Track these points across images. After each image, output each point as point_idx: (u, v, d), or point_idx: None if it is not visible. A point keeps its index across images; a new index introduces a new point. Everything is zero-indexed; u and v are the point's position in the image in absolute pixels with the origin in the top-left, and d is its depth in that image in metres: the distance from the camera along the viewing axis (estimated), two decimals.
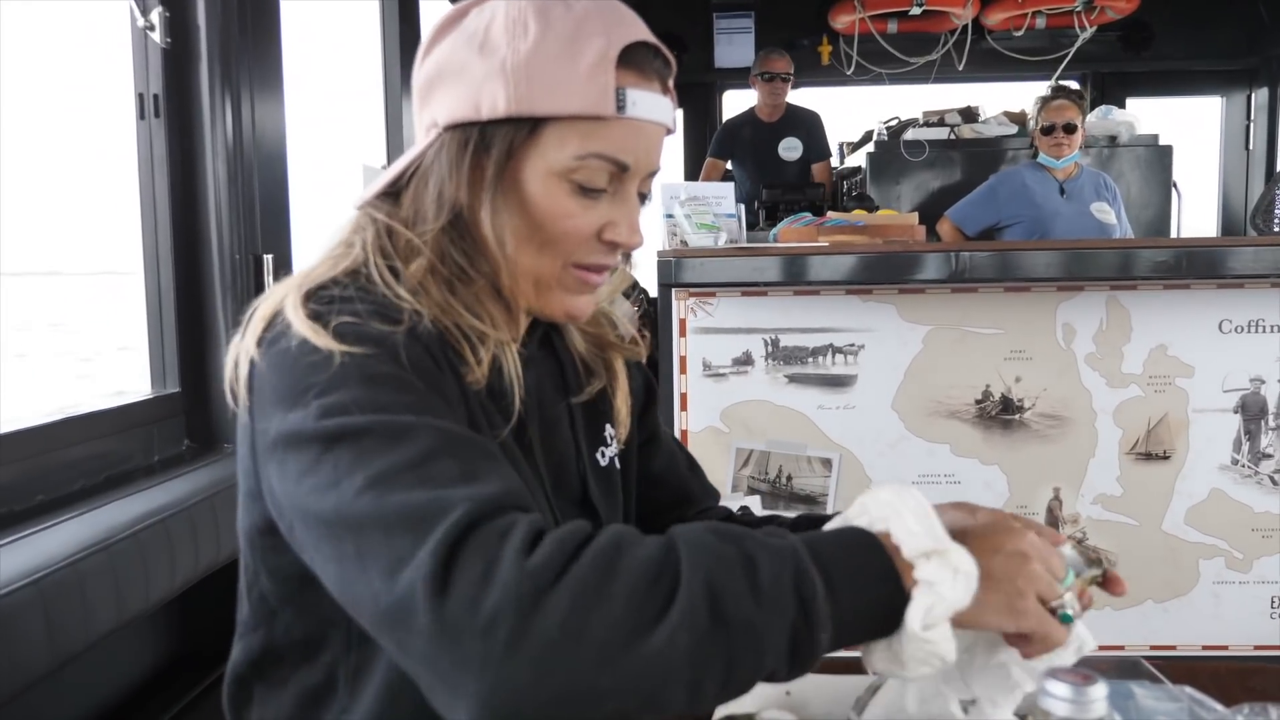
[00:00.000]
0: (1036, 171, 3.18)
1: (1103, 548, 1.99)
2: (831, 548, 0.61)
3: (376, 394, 0.64)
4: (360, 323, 0.68)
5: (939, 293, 1.96)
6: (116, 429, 1.28)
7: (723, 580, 0.56)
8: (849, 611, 0.59)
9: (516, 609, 0.52)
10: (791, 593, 0.57)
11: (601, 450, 0.92)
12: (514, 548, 0.55)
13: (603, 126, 0.74)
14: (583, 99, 0.72)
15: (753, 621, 0.56)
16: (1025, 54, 4.39)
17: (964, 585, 0.59)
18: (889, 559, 0.61)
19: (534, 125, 0.74)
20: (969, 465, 1.99)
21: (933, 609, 0.58)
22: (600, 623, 0.53)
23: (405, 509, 0.57)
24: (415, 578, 0.54)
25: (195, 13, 1.40)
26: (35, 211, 14.10)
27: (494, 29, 0.74)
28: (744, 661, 0.56)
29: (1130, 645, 1.99)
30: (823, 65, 4.66)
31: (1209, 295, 1.93)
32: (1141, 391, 1.96)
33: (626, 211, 0.78)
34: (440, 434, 0.62)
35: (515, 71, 0.72)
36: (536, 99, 0.72)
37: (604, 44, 0.73)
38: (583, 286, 0.80)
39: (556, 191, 0.75)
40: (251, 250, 1.47)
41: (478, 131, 0.74)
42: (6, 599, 0.86)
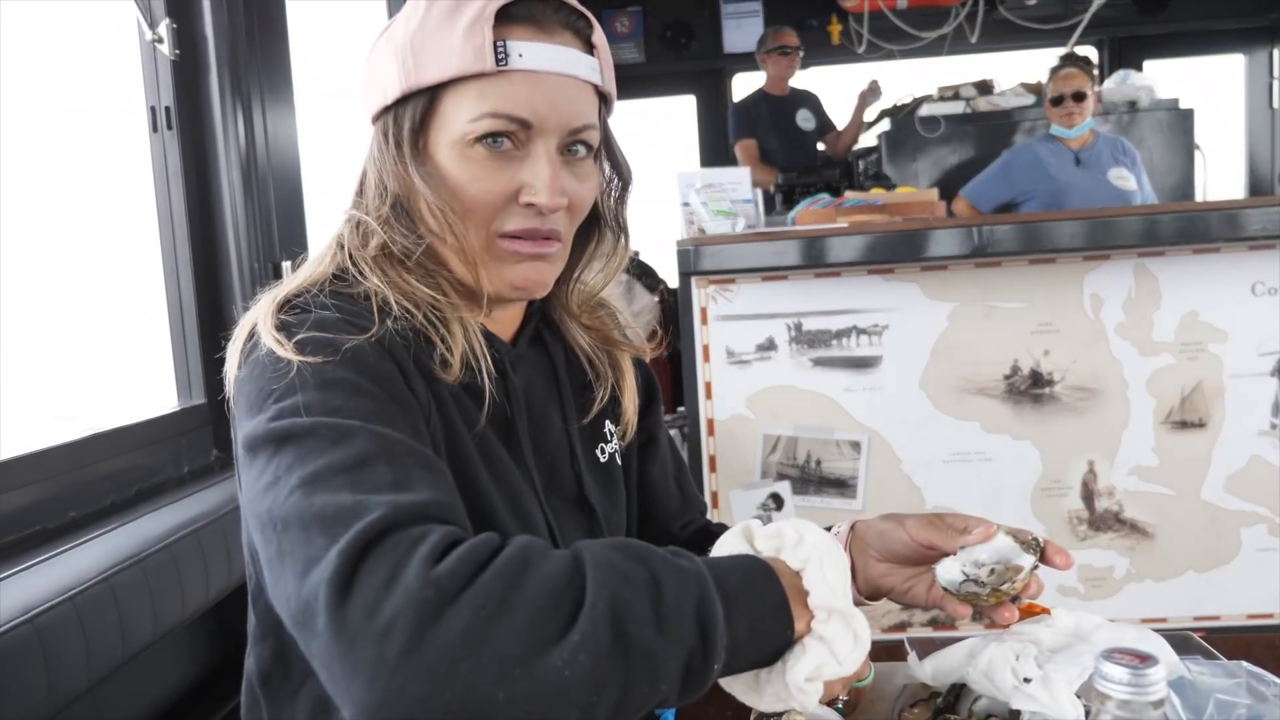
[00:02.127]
0: (1050, 144, 3.14)
1: (1141, 518, 1.96)
2: (734, 577, 0.60)
3: (329, 397, 0.64)
4: (323, 333, 0.69)
5: (962, 268, 1.93)
6: (145, 443, 1.28)
7: (627, 602, 0.55)
8: (743, 643, 0.58)
9: (415, 617, 0.51)
10: (693, 621, 0.56)
11: (601, 447, 0.91)
12: (421, 555, 0.54)
13: (493, 83, 0.73)
14: (461, 59, 0.72)
15: (652, 649, 0.55)
16: (1039, 22, 4.31)
17: (858, 656, 0.60)
18: (786, 599, 0.61)
19: (431, 97, 0.75)
20: (1000, 441, 1.97)
21: (821, 668, 0.59)
22: (500, 637, 0.52)
23: (326, 510, 0.57)
24: (321, 578, 0.54)
25: (203, 24, 1.40)
26: (48, 226, 14.42)
27: (397, 19, 0.78)
28: (639, 688, 0.55)
29: (1173, 617, 1.96)
30: (833, 45, 4.61)
31: (1239, 258, 1.89)
32: (1174, 359, 1.93)
33: (539, 170, 0.75)
34: (381, 440, 0.62)
35: (403, 49, 0.74)
36: (423, 70, 0.74)
37: (482, 4, 0.73)
38: (516, 257, 0.78)
39: (465, 157, 0.75)
40: (270, 257, 1.47)
41: (390, 117, 0.76)
42: (43, 617, 0.86)
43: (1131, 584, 1.97)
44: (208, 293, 1.43)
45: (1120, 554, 1.97)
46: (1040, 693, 0.62)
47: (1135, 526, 1.97)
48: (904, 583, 0.78)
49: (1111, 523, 1.98)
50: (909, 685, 0.74)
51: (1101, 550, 1.98)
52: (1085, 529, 1.98)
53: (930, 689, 0.73)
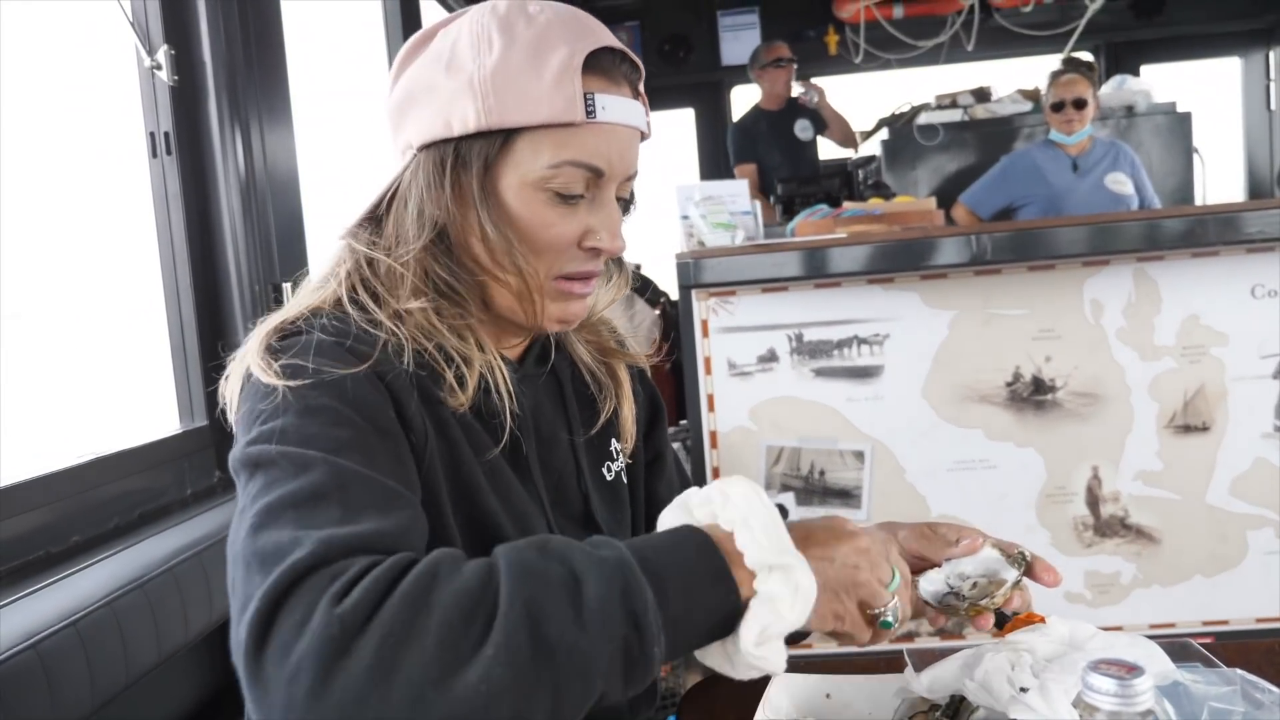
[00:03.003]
0: (1048, 150, 3.14)
1: (1146, 523, 1.96)
2: (665, 555, 0.59)
3: (305, 424, 0.65)
4: (313, 358, 0.69)
5: (962, 276, 1.93)
6: (148, 465, 1.29)
7: (544, 604, 0.53)
8: (683, 621, 0.57)
9: (319, 657, 0.50)
10: (619, 610, 0.55)
11: (608, 465, 0.91)
12: (331, 593, 0.53)
13: (574, 133, 0.74)
14: (551, 107, 0.73)
15: (577, 645, 0.53)
16: (1035, 29, 4.33)
17: (802, 605, 0.59)
18: (724, 564, 0.59)
19: (506, 137, 0.74)
20: (1004, 449, 1.97)
21: (768, 628, 0.58)
22: (411, 662, 0.50)
23: (266, 547, 0.57)
24: (246, 622, 0.53)
25: (201, 49, 1.41)
26: (50, 253, 14.53)
27: (460, 47, 0.75)
28: (572, 688, 0.53)
29: (1181, 622, 1.95)
30: (830, 55, 4.63)
31: (1239, 260, 1.89)
32: (1176, 363, 1.93)
33: (606, 217, 0.78)
34: (339, 474, 0.62)
35: (483, 85, 0.73)
36: (506, 111, 0.73)
37: (568, 52, 0.73)
38: (569, 297, 0.80)
39: (534, 201, 0.76)
40: (270, 279, 1.48)
41: (452, 149, 0.75)
42: (46, 642, 0.86)
43: (1139, 589, 1.96)
44: (209, 316, 1.44)
45: (1127, 560, 1.97)
46: (1038, 702, 0.62)
47: (1141, 532, 1.97)
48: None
49: (1117, 528, 1.97)
50: (908, 697, 0.74)
51: (1108, 556, 1.97)
52: (1091, 535, 1.97)
53: (929, 701, 0.73)
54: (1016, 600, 0.74)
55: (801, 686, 0.84)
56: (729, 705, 0.89)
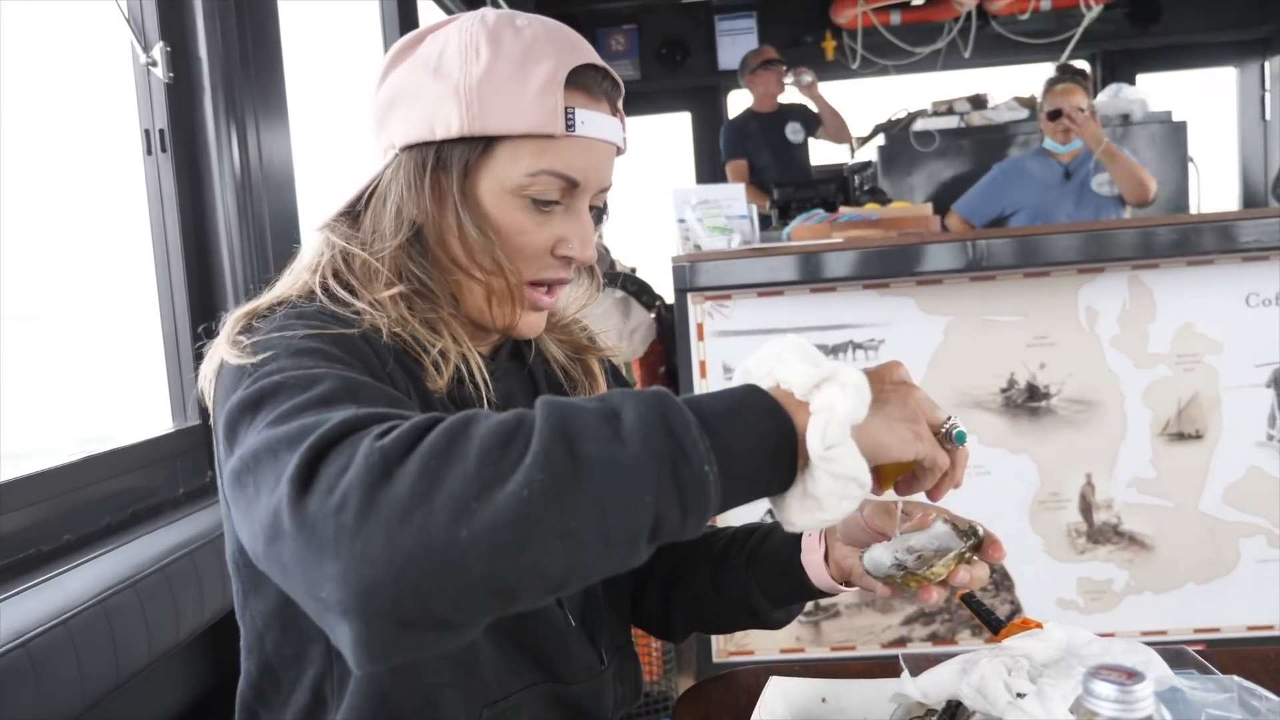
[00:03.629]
0: (1040, 158, 3.15)
1: (1139, 530, 1.96)
2: (708, 397, 0.59)
3: (300, 360, 0.67)
4: (288, 334, 0.70)
5: (957, 282, 1.94)
6: (140, 464, 1.28)
7: (580, 426, 0.54)
8: (734, 446, 0.56)
9: (365, 481, 0.51)
10: (659, 427, 0.54)
11: None
12: (371, 434, 0.54)
13: (553, 145, 0.77)
14: (533, 118, 0.75)
15: (617, 458, 0.52)
16: (1032, 37, 4.34)
17: (855, 397, 0.57)
18: (770, 398, 0.58)
19: (487, 144, 0.77)
20: (997, 455, 1.97)
21: (829, 425, 0.56)
22: (454, 478, 0.51)
23: (291, 431, 0.57)
24: (284, 479, 0.54)
25: (197, 46, 1.41)
26: (44, 251, 14.43)
27: (447, 54, 0.77)
28: (617, 500, 0.52)
29: (1173, 630, 1.96)
30: (827, 61, 4.64)
31: (1233, 269, 1.90)
32: (1170, 371, 1.93)
33: (578, 227, 0.81)
34: (348, 381, 0.63)
35: (468, 93, 0.75)
36: (489, 119, 0.75)
37: (553, 66, 0.76)
38: (535, 304, 0.83)
39: (510, 207, 0.78)
40: (265, 278, 1.47)
41: (434, 151, 0.77)
42: (36, 641, 0.86)
43: (1131, 596, 1.97)
44: (203, 314, 1.43)
45: (1119, 566, 1.97)
46: (1035, 708, 0.61)
47: (1134, 539, 1.97)
48: (858, 566, 0.81)
49: (1110, 535, 1.97)
50: (904, 702, 0.74)
51: (1100, 563, 1.97)
52: (1084, 542, 1.97)
53: (925, 705, 0.72)
54: (962, 574, 0.72)
55: (797, 690, 0.84)
56: (723, 709, 0.89)
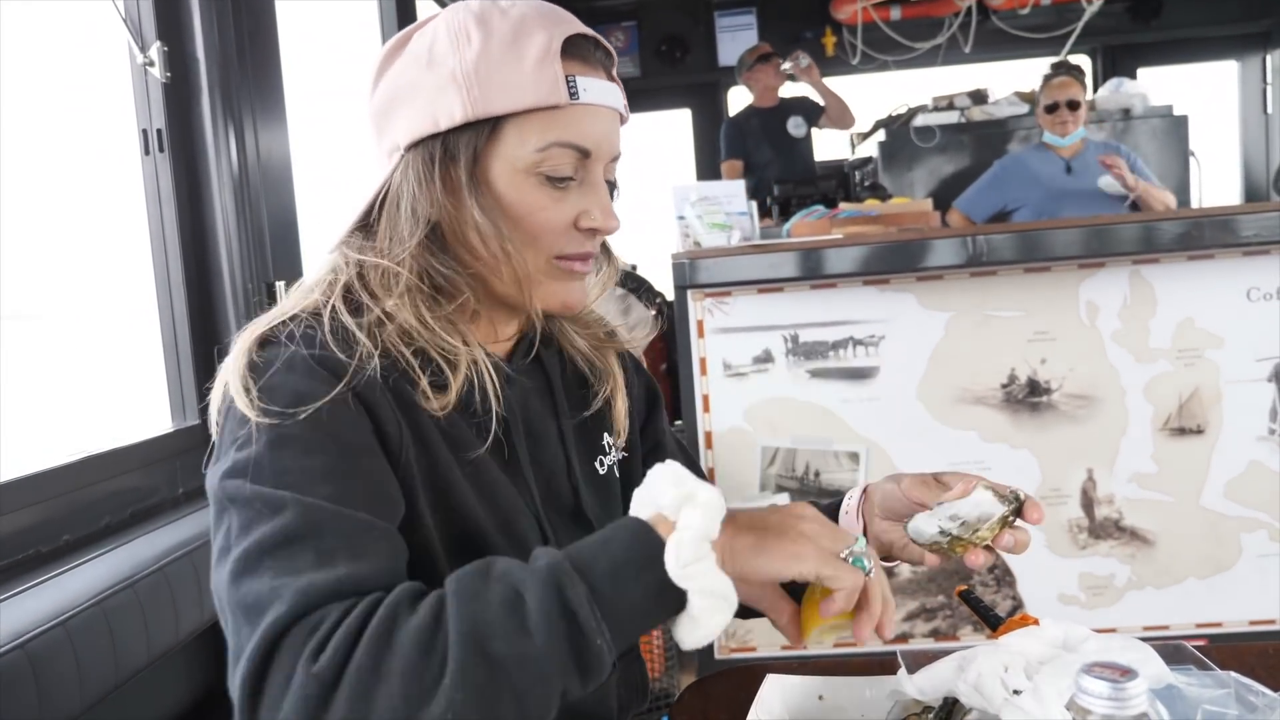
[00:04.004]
0: (1041, 152, 3.14)
1: (1141, 526, 1.96)
2: (595, 549, 0.62)
3: (279, 457, 0.67)
4: (288, 379, 0.70)
5: (957, 278, 1.93)
6: (140, 464, 1.28)
7: (489, 624, 0.58)
8: (622, 610, 0.59)
9: (303, 712, 0.56)
10: (557, 610, 0.58)
11: (600, 459, 0.92)
12: (308, 651, 0.58)
13: (559, 115, 0.76)
14: (535, 91, 0.75)
15: (526, 654, 0.57)
16: (1032, 31, 4.33)
17: (705, 513, 0.60)
18: (651, 536, 0.61)
19: (493, 126, 0.76)
20: (998, 450, 1.97)
21: (682, 544, 0.59)
22: (382, 706, 0.56)
23: (248, 598, 0.61)
24: (241, 678, 0.59)
25: (194, 46, 1.41)
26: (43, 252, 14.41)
27: (438, 45, 0.76)
28: (532, 694, 0.57)
29: (1175, 625, 1.95)
30: (828, 56, 4.63)
31: (1234, 264, 1.89)
32: (1171, 366, 1.93)
33: (598, 197, 0.80)
34: (312, 514, 0.64)
35: (466, 78, 0.74)
36: (491, 100, 0.74)
37: (546, 38, 0.75)
38: (570, 276, 0.81)
39: (525, 186, 0.77)
40: (264, 278, 1.48)
41: (440, 143, 0.76)
42: (35, 641, 0.86)
43: (1132, 592, 1.96)
44: (201, 314, 1.43)
45: (1121, 562, 1.97)
46: (1031, 704, 0.61)
47: (1135, 534, 1.97)
48: (901, 538, 0.82)
49: (1111, 530, 1.97)
50: (901, 699, 0.74)
51: (1102, 558, 1.97)
52: (1085, 537, 1.97)
53: (922, 703, 0.72)
54: (1006, 537, 0.73)
55: (794, 688, 0.83)
56: (721, 707, 0.89)
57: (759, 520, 0.66)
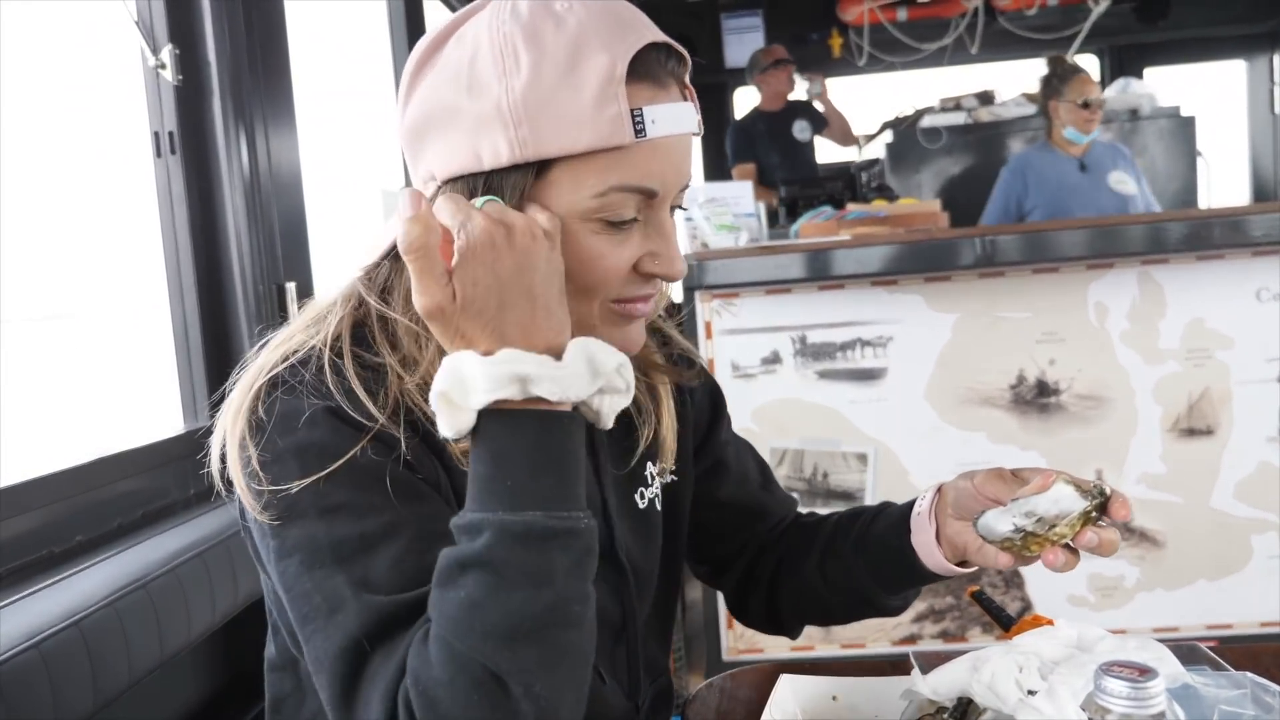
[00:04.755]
0: (1048, 153, 3.10)
1: (1151, 527, 1.95)
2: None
3: (332, 529, 0.63)
4: (311, 438, 0.65)
5: (965, 279, 1.93)
6: (151, 465, 1.29)
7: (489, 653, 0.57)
8: (524, 491, 0.60)
9: None
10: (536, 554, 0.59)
11: (640, 491, 0.85)
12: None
13: (622, 156, 0.65)
14: (595, 131, 0.64)
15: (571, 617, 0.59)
16: (1039, 32, 4.33)
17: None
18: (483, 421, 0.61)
19: (543, 169, 0.65)
20: (1006, 451, 1.96)
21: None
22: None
23: (323, 593, 0.62)
24: (330, 695, 0.62)
25: (205, 49, 1.41)
26: (55, 253, 14.59)
27: (480, 64, 0.65)
28: (571, 622, 0.59)
29: (1185, 626, 1.95)
30: (834, 58, 4.63)
31: (1244, 264, 1.89)
32: (1180, 367, 1.92)
33: (662, 240, 0.69)
34: (368, 614, 0.62)
35: (514, 112, 0.64)
36: (543, 141, 0.64)
37: (608, 61, 0.64)
38: (629, 319, 0.72)
39: (580, 233, 0.67)
40: (274, 280, 1.48)
41: (481, 182, 0.66)
42: (48, 642, 0.86)
43: (1142, 593, 1.96)
44: (212, 316, 1.43)
45: (1131, 563, 1.96)
46: (1046, 705, 0.61)
47: (1145, 535, 1.96)
48: (976, 540, 0.74)
49: (1121, 531, 1.97)
50: (915, 699, 0.74)
51: (1112, 559, 1.96)
52: None
53: (936, 703, 0.72)
54: (1089, 535, 0.67)
55: (808, 688, 0.83)
56: (733, 707, 0.89)
57: None
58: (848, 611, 0.90)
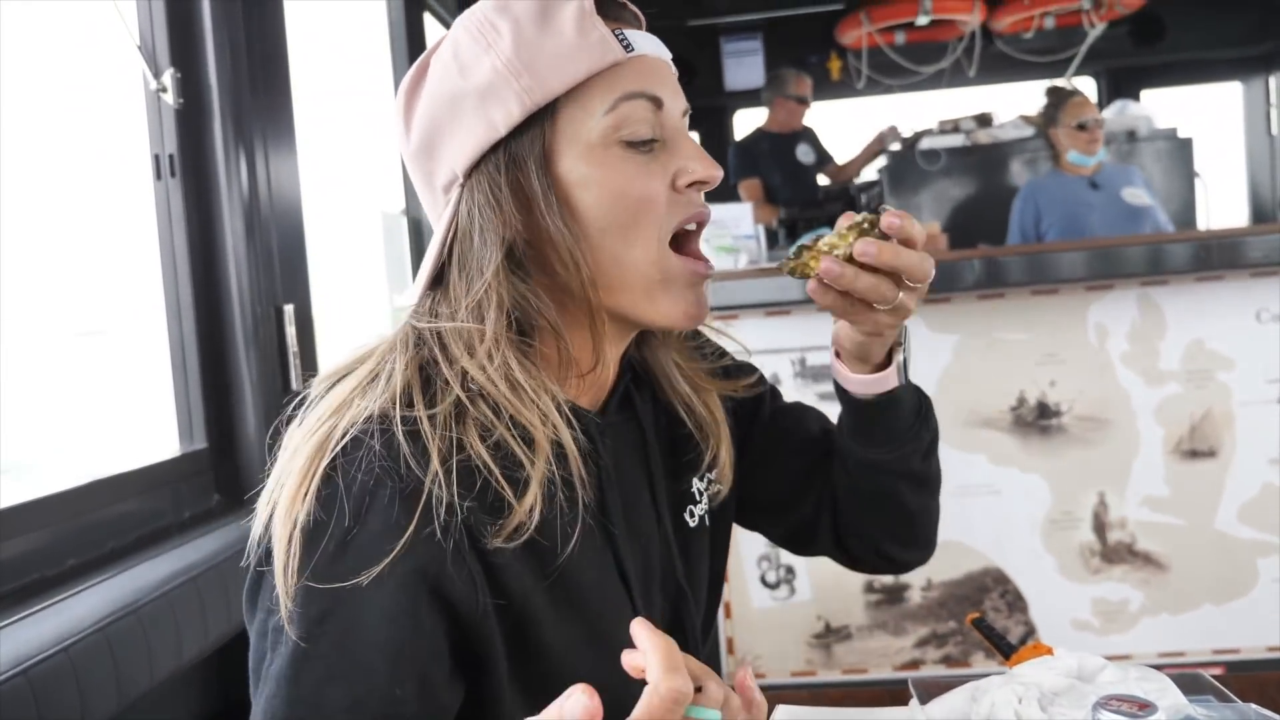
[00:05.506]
0: (1056, 177, 3.11)
1: (1154, 550, 1.94)
2: None
3: (329, 692, 0.60)
4: (336, 569, 0.61)
5: (965, 300, 1.93)
6: (145, 488, 1.28)
7: None
8: None
9: None
10: None
11: (689, 510, 0.83)
12: None
13: (618, 73, 0.68)
14: (589, 56, 0.67)
15: None
16: (1036, 55, 4.35)
17: None
18: None
19: (553, 112, 0.68)
20: (1008, 474, 1.95)
21: None
22: None
23: None
24: None
25: (206, 72, 1.42)
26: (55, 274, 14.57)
27: (464, 51, 0.69)
28: None
29: (1191, 651, 1.93)
30: (833, 81, 4.66)
31: (1243, 285, 1.88)
32: (1181, 388, 1.91)
33: (689, 148, 0.71)
34: None
35: (511, 67, 0.66)
36: (547, 80, 0.66)
37: (576, 3, 0.68)
38: (691, 280, 0.72)
39: (608, 162, 0.68)
40: (272, 301, 1.48)
41: (503, 153, 0.68)
42: (37, 669, 0.85)
43: (1147, 618, 1.94)
44: (210, 337, 1.43)
45: (1134, 587, 1.94)
46: None
47: (1149, 558, 1.95)
48: (842, 329, 0.82)
49: (1124, 555, 1.95)
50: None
51: (1115, 583, 1.95)
52: (1098, 561, 1.95)
53: None
54: (862, 245, 0.67)
55: (807, 718, 0.82)
56: None
57: None
58: (878, 499, 0.88)
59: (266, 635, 0.63)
